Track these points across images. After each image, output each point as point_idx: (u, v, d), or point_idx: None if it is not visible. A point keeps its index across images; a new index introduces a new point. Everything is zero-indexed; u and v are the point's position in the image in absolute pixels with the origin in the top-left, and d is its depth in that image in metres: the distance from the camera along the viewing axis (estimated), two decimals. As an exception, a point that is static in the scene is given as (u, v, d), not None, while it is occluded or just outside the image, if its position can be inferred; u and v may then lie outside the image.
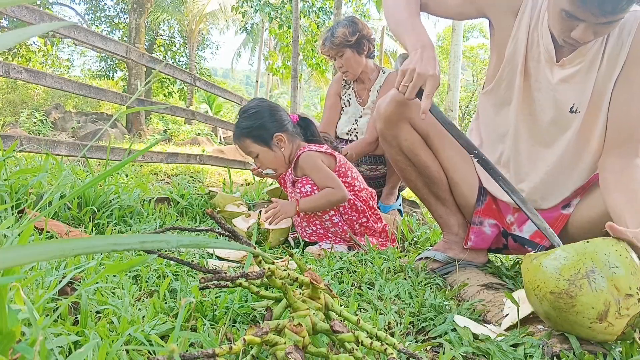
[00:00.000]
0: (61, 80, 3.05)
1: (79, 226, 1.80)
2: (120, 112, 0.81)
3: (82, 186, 0.64)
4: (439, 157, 1.49)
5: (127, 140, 12.22)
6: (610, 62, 1.23)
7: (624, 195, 1.16)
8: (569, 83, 1.27)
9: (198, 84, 4.86)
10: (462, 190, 1.50)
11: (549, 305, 0.89)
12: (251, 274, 0.73)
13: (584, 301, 0.84)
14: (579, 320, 0.86)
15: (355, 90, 2.83)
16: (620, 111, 1.23)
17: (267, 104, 1.93)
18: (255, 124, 1.85)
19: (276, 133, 1.85)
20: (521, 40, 1.32)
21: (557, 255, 0.90)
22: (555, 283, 0.87)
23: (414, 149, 1.46)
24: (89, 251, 0.39)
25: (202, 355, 0.61)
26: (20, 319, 0.63)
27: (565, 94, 1.28)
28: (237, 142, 1.90)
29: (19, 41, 0.41)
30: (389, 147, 1.50)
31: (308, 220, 1.85)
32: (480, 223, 1.48)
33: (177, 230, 1.70)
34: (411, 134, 1.45)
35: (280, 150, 1.87)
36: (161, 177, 5.57)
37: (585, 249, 0.88)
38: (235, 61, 26.68)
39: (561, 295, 0.86)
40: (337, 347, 0.82)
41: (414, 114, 1.43)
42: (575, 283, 0.85)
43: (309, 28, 10.89)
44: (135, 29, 14.21)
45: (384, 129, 1.47)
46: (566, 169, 1.35)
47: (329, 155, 1.87)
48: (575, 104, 1.28)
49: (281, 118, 1.90)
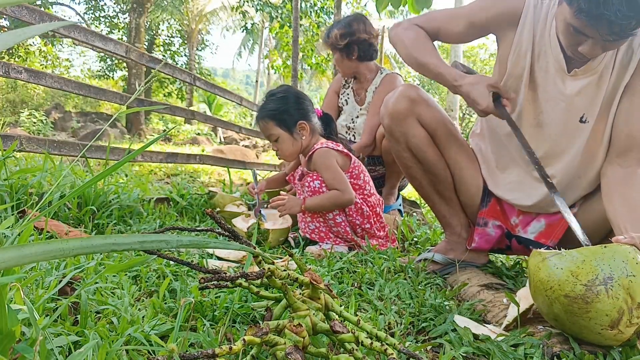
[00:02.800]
0: (61, 80, 3.05)
1: (79, 226, 1.80)
2: (120, 112, 0.81)
3: (81, 186, 0.64)
4: (445, 155, 1.47)
5: (127, 140, 12.22)
6: (620, 71, 1.22)
7: (625, 204, 1.15)
8: (581, 93, 1.26)
9: (198, 83, 4.86)
10: (468, 189, 1.49)
11: (560, 308, 0.87)
12: (251, 274, 0.73)
13: (599, 308, 0.83)
14: (590, 326, 0.84)
15: (354, 89, 2.83)
16: (623, 120, 1.23)
17: (294, 91, 1.96)
18: (281, 107, 1.86)
19: (300, 121, 1.87)
20: (525, 50, 1.30)
21: (574, 258, 0.87)
22: (571, 287, 0.85)
23: (422, 146, 1.45)
24: (89, 251, 0.39)
25: (202, 355, 0.60)
26: (20, 319, 0.63)
27: (576, 104, 1.27)
28: (260, 123, 1.91)
29: (19, 41, 0.41)
30: (396, 143, 1.49)
31: (312, 216, 1.85)
32: (485, 224, 1.47)
33: (177, 230, 1.70)
34: (419, 131, 1.44)
35: (300, 138, 1.88)
36: (161, 177, 5.56)
37: (603, 254, 0.86)
38: (235, 61, 26.67)
39: (576, 300, 0.84)
40: (337, 347, 0.82)
41: (423, 110, 1.42)
42: (592, 289, 0.83)
43: (310, 27, 10.89)
44: (134, 29, 14.21)
45: (391, 125, 1.46)
46: (573, 178, 1.34)
47: (344, 155, 1.88)
48: (585, 114, 1.27)
49: (306, 108, 1.92)
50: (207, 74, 20.91)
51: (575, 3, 1.06)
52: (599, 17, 1.04)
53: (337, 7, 6.82)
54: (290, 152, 1.90)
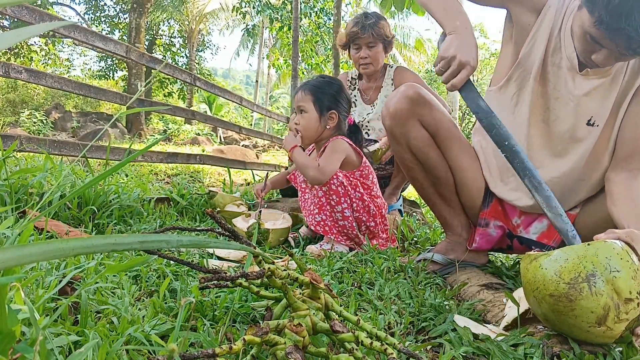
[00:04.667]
0: (61, 80, 3.05)
1: (79, 226, 1.80)
2: (121, 113, 0.81)
3: (82, 186, 0.64)
4: (446, 156, 1.46)
5: (128, 140, 12.22)
6: (632, 76, 1.21)
7: (630, 208, 1.15)
8: (590, 94, 1.24)
9: (198, 83, 4.86)
10: (469, 190, 1.48)
11: (547, 308, 0.88)
12: (251, 274, 0.73)
13: (583, 305, 0.83)
14: (577, 324, 0.85)
15: (362, 90, 2.84)
16: (631, 124, 1.22)
17: (343, 87, 2.00)
18: (326, 89, 1.91)
19: (334, 110, 1.91)
20: (540, 42, 1.27)
21: (557, 257, 0.89)
22: (555, 286, 0.86)
23: (423, 148, 1.43)
24: (89, 251, 0.39)
25: (202, 355, 0.61)
26: (20, 319, 0.63)
27: (585, 106, 1.25)
28: (300, 92, 1.94)
29: (19, 41, 0.41)
30: (397, 144, 1.48)
31: (320, 207, 1.85)
32: (487, 225, 1.46)
33: (177, 230, 1.70)
34: (420, 132, 1.42)
35: (325, 125, 1.91)
36: (161, 177, 5.57)
37: (586, 252, 0.86)
38: (235, 61, 26.67)
39: (560, 298, 0.85)
40: (337, 347, 0.82)
41: (424, 111, 1.41)
42: (575, 287, 0.84)
43: (309, 28, 10.89)
44: (135, 29, 14.21)
45: (392, 126, 1.44)
46: (577, 181, 1.33)
47: (357, 154, 1.92)
48: (593, 117, 1.25)
49: (344, 105, 1.97)
50: (207, 74, 20.90)
51: (596, 12, 1.03)
52: (618, 31, 1.01)
53: (336, 8, 6.83)
54: (310, 130, 1.91)
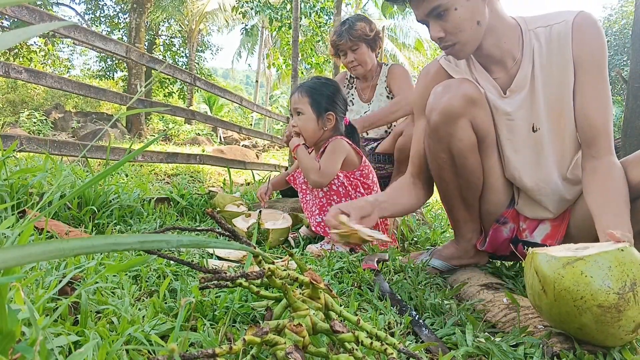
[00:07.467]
0: (61, 80, 3.05)
1: (79, 226, 1.80)
2: (121, 114, 0.81)
3: (82, 186, 0.64)
4: (484, 162, 1.40)
5: (128, 140, 12.22)
6: (552, 73, 1.26)
7: (601, 195, 1.16)
8: (522, 107, 1.31)
9: (198, 83, 4.86)
10: (496, 197, 1.44)
11: (592, 318, 0.83)
12: (251, 274, 0.73)
13: (629, 315, 0.81)
14: (617, 333, 0.83)
15: (358, 89, 2.84)
16: (582, 114, 1.26)
17: (340, 88, 2.01)
18: (323, 90, 1.92)
19: (330, 111, 1.91)
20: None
21: (601, 265, 0.83)
22: (604, 296, 0.81)
23: (465, 152, 1.34)
24: (89, 251, 0.39)
25: (202, 355, 0.61)
26: (20, 319, 0.63)
27: (523, 118, 1.32)
28: (296, 94, 1.95)
29: (19, 41, 0.41)
30: (437, 142, 1.35)
31: (321, 208, 1.85)
32: (504, 223, 1.46)
33: (177, 230, 1.70)
34: (468, 134, 1.33)
35: (322, 127, 1.92)
36: (161, 177, 5.57)
37: (624, 258, 0.83)
38: (235, 61, 26.69)
39: (610, 309, 0.81)
40: (337, 347, 0.82)
41: (479, 113, 1.32)
42: (624, 297, 0.81)
43: (309, 27, 10.89)
44: (135, 29, 14.21)
45: (440, 122, 1.32)
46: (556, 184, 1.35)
47: (357, 153, 1.93)
48: (534, 124, 1.31)
49: (341, 106, 1.97)
50: (207, 74, 20.90)
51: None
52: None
53: (337, 8, 6.83)
54: (308, 131, 1.92)
